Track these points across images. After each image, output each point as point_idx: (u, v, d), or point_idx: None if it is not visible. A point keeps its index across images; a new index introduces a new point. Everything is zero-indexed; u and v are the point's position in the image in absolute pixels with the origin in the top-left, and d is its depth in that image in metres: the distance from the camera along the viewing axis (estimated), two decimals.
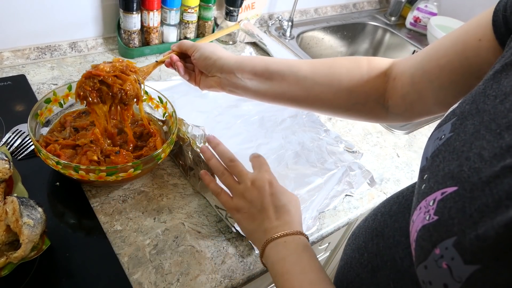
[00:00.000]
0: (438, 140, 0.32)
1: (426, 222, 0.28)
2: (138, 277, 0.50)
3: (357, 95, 0.51)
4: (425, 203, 0.29)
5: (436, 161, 0.30)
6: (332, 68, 0.52)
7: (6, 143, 0.61)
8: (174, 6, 0.85)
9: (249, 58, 0.54)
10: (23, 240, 0.44)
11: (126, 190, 0.60)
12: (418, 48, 1.27)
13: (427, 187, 0.30)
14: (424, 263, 0.27)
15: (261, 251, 0.46)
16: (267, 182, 0.49)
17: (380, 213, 0.43)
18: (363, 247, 0.41)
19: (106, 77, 0.51)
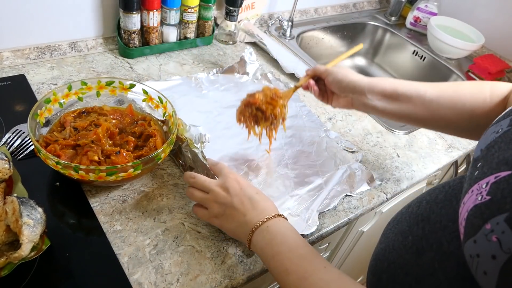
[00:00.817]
0: (495, 134, 0.36)
1: (478, 202, 0.31)
2: (138, 277, 0.50)
3: (479, 118, 0.55)
4: (477, 186, 0.32)
5: (491, 151, 0.34)
6: (457, 92, 0.57)
7: (6, 143, 0.61)
8: (174, 6, 0.84)
9: (378, 80, 0.60)
10: (23, 240, 0.44)
11: (126, 190, 0.60)
12: (418, 48, 1.27)
13: (480, 173, 0.33)
14: (473, 238, 0.30)
15: (248, 241, 0.50)
16: (234, 180, 0.53)
17: (426, 200, 0.45)
18: (407, 231, 0.43)
19: (260, 104, 0.63)
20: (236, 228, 0.51)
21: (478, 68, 1.16)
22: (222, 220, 0.52)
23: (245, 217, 0.50)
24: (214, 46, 0.99)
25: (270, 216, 0.50)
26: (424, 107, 0.58)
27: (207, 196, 0.53)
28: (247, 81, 0.88)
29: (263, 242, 0.48)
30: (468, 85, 0.58)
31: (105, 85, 0.66)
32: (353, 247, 0.99)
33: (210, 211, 0.53)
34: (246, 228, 0.50)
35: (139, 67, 0.85)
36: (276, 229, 0.49)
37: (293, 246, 0.47)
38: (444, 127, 0.60)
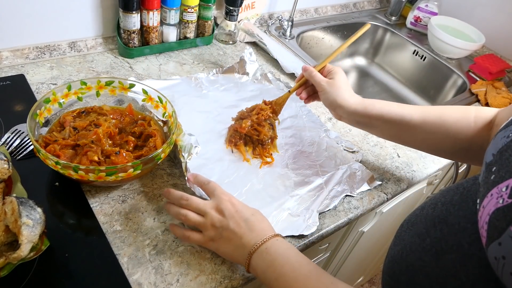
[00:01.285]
0: (506, 138, 0.37)
1: (499, 205, 0.31)
2: (138, 278, 0.50)
3: (463, 142, 0.57)
4: (497, 190, 0.33)
5: (505, 155, 0.35)
6: (441, 118, 0.59)
7: (5, 143, 0.61)
8: (174, 6, 0.84)
9: (367, 105, 0.63)
10: (22, 241, 0.43)
11: (125, 190, 0.60)
12: (418, 48, 1.26)
13: (497, 177, 0.34)
14: (498, 240, 0.31)
15: (247, 264, 0.49)
16: (228, 202, 0.52)
17: (441, 202, 0.45)
18: (424, 233, 0.43)
19: (248, 132, 0.70)
20: (233, 251, 0.50)
21: (478, 68, 1.16)
22: (219, 243, 0.51)
23: (242, 240, 0.49)
24: (214, 46, 0.99)
25: (267, 237, 0.49)
26: (409, 132, 0.62)
27: (203, 220, 0.51)
28: (247, 81, 0.88)
29: (263, 264, 0.47)
30: (453, 110, 0.60)
31: (104, 85, 0.66)
32: (353, 247, 0.98)
33: (205, 234, 0.51)
34: (244, 251, 0.49)
35: (139, 67, 0.85)
36: (275, 250, 0.48)
37: (296, 265, 0.46)
38: (427, 149, 0.65)
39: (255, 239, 0.49)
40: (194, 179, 0.56)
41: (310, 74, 0.67)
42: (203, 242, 0.52)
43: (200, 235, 0.52)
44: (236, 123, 0.72)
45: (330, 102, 0.65)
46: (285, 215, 0.61)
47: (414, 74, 1.30)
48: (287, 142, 0.74)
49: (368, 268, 1.37)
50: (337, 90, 0.64)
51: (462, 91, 1.13)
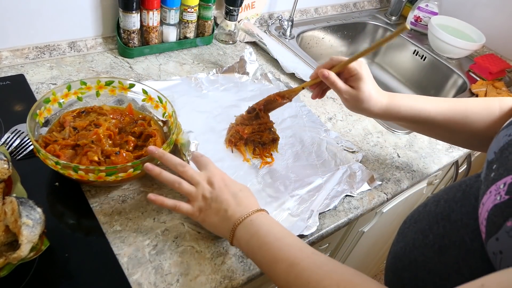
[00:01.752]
0: (507, 137, 0.37)
1: (497, 202, 0.32)
2: (138, 278, 0.50)
3: (488, 137, 0.55)
4: (495, 187, 0.34)
5: (505, 153, 0.35)
6: (467, 116, 0.59)
7: (5, 143, 0.61)
8: (173, 6, 0.84)
9: (390, 112, 0.61)
10: (22, 241, 0.43)
11: (125, 190, 0.60)
12: (419, 48, 1.26)
13: (496, 174, 0.35)
14: (495, 235, 0.32)
15: (231, 235, 0.50)
16: (219, 176, 0.53)
17: (443, 199, 0.45)
18: (427, 230, 0.44)
19: (249, 137, 0.70)
20: (219, 223, 0.51)
21: (479, 68, 1.16)
22: (206, 214, 0.51)
23: (228, 213, 0.50)
24: (214, 45, 0.98)
25: (253, 210, 0.50)
26: (435, 131, 0.64)
27: (195, 190, 0.52)
28: (247, 81, 0.88)
29: (247, 235, 0.48)
30: (477, 106, 0.59)
31: (104, 85, 0.66)
32: (354, 247, 0.98)
33: (195, 205, 0.51)
34: (229, 222, 0.50)
35: (139, 66, 0.85)
36: (260, 222, 0.49)
37: (279, 235, 0.47)
38: (457, 143, 0.67)
39: (240, 212, 0.50)
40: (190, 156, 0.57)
41: (332, 84, 0.61)
42: (191, 212, 0.52)
43: (189, 205, 0.52)
44: (238, 125, 0.72)
45: (352, 110, 0.63)
46: (285, 215, 0.61)
47: (414, 74, 1.30)
48: (287, 142, 0.74)
49: (369, 268, 1.37)
50: (360, 103, 0.60)
51: (463, 91, 1.13)
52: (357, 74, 0.59)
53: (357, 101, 0.60)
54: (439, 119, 0.60)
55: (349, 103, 0.61)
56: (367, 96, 0.59)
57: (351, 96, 0.60)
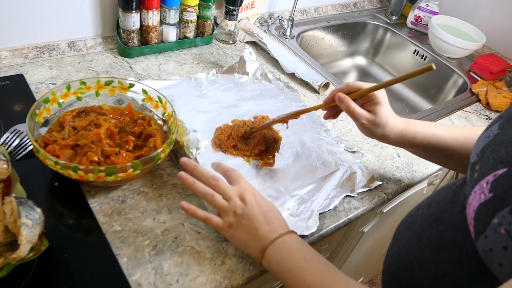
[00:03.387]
0: (487, 138, 0.38)
1: (482, 200, 0.33)
2: (138, 278, 0.50)
3: None
4: (479, 187, 0.34)
5: (486, 153, 0.36)
6: None
7: (4, 143, 0.61)
8: (173, 5, 0.84)
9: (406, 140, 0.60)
10: (21, 241, 0.43)
11: (125, 190, 0.60)
12: (419, 48, 1.26)
13: (479, 174, 0.35)
14: (484, 234, 0.32)
15: (260, 255, 0.49)
16: (251, 193, 0.52)
17: (435, 201, 0.45)
18: (420, 233, 0.44)
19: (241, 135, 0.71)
20: (247, 241, 0.50)
21: (479, 68, 1.16)
22: (236, 230, 0.51)
23: (258, 232, 0.49)
24: (213, 45, 0.98)
25: (284, 231, 0.50)
26: (449, 159, 0.62)
27: (227, 205, 0.51)
28: (247, 81, 0.88)
29: (278, 256, 0.48)
30: None
31: (104, 85, 0.65)
32: (354, 247, 0.98)
33: (225, 219, 0.51)
34: (259, 242, 0.49)
35: (139, 66, 0.85)
36: (292, 244, 0.49)
37: (313, 261, 0.47)
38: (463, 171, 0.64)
39: (271, 233, 0.49)
40: (217, 167, 0.56)
41: (348, 109, 0.58)
42: (221, 227, 0.52)
43: (220, 219, 0.52)
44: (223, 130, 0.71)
45: (368, 135, 0.61)
46: (285, 215, 0.61)
47: None
48: (287, 142, 0.74)
49: (369, 268, 1.36)
50: (377, 128, 0.58)
51: (463, 91, 1.13)
52: (375, 99, 0.57)
53: (374, 125, 0.57)
54: (455, 146, 0.59)
55: (366, 128, 0.58)
56: (384, 121, 0.57)
57: (369, 120, 0.57)
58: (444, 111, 0.99)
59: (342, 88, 0.58)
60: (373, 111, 0.57)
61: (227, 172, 0.55)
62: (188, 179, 0.52)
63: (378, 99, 0.57)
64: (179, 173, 0.52)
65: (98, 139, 0.58)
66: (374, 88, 0.55)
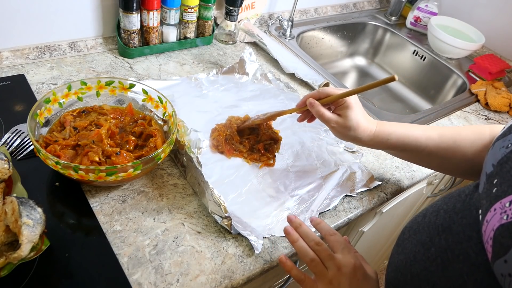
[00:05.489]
0: (504, 149, 0.35)
1: (504, 222, 0.30)
2: (138, 278, 0.50)
3: (477, 164, 0.54)
4: (500, 205, 0.32)
5: (506, 167, 0.34)
6: (457, 142, 0.58)
7: (5, 143, 0.61)
8: (174, 6, 0.84)
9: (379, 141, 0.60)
10: (23, 241, 0.43)
11: (125, 190, 0.60)
12: (418, 48, 1.26)
13: (499, 191, 0.33)
14: (503, 257, 0.30)
15: None
16: (353, 267, 0.49)
17: (443, 210, 0.44)
18: (428, 242, 0.42)
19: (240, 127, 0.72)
20: None
21: (478, 68, 1.16)
22: None
23: None
24: (214, 46, 0.99)
25: None
26: (425, 159, 0.62)
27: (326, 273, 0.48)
28: (247, 81, 0.88)
29: None
30: (468, 132, 0.58)
31: (105, 85, 0.66)
32: (354, 247, 0.98)
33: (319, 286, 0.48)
34: None
35: (139, 67, 0.85)
36: None
37: None
38: (446, 171, 0.65)
39: None
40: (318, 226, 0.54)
41: (318, 114, 0.60)
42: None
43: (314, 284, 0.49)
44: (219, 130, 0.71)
45: (340, 138, 0.62)
46: (285, 215, 0.61)
47: (414, 74, 1.30)
48: (287, 142, 0.74)
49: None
50: (348, 130, 0.59)
51: (462, 91, 1.13)
52: (344, 104, 0.59)
53: (345, 128, 0.59)
54: (430, 146, 0.59)
55: (337, 131, 0.60)
56: (355, 124, 0.58)
57: (338, 124, 0.59)
58: (443, 111, 0.99)
59: (313, 94, 0.61)
60: (343, 114, 0.59)
61: (330, 238, 0.52)
62: (293, 235, 0.51)
63: (347, 103, 0.58)
64: (285, 227, 0.52)
65: (99, 139, 0.58)
66: (343, 95, 0.58)
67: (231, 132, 0.71)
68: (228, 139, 0.70)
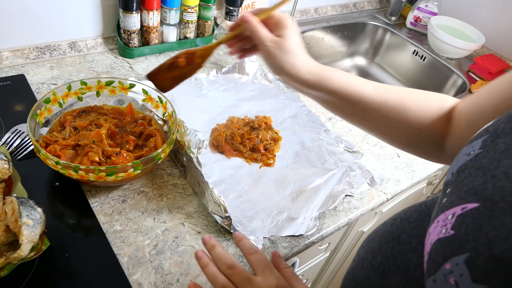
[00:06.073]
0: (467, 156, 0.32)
1: (441, 236, 0.28)
2: (138, 278, 0.50)
3: (419, 132, 0.50)
4: (443, 217, 0.29)
5: (461, 176, 0.30)
6: (403, 103, 0.51)
7: (5, 143, 0.61)
8: (174, 6, 0.84)
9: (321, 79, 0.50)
10: (23, 241, 0.43)
11: (125, 190, 0.60)
12: (418, 48, 1.26)
13: (448, 201, 0.30)
14: (433, 276, 0.27)
15: None
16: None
17: (400, 218, 0.42)
18: (377, 250, 0.41)
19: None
20: None
21: (478, 68, 1.16)
22: None
23: None
24: None
25: None
26: (365, 114, 0.53)
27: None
28: (247, 81, 0.88)
29: None
30: (417, 95, 0.52)
31: (105, 85, 0.66)
32: (353, 247, 0.98)
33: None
34: None
35: (139, 67, 0.85)
36: None
37: None
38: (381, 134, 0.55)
39: None
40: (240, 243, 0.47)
41: (252, 29, 0.50)
42: None
43: None
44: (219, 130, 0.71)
45: (276, 68, 0.51)
46: (285, 215, 0.61)
47: (414, 74, 1.30)
48: (287, 142, 0.74)
49: None
50: (285, 54, 0.49)
51: (462, 91, 1.13)
52: (282, 23, 0.51)
53: (281, 50, 0.49)
54: (376, 100, 0.51)
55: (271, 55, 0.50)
56: (294, 46, 0.50)
57: (275, 43, 0.50)
58: None
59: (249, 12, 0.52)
60: (281, 34, 0.50)
61: (251, 257, 0.44)
62: (203, 260, 0.44)
63: (286, 23, 0.51)
64: (196, 251, 0.45)
65: (99, 139, 0.58)
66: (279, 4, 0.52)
67: (231, 132, 0.71)
68: (228, 139, 0.70)
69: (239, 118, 0.74)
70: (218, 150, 0.69)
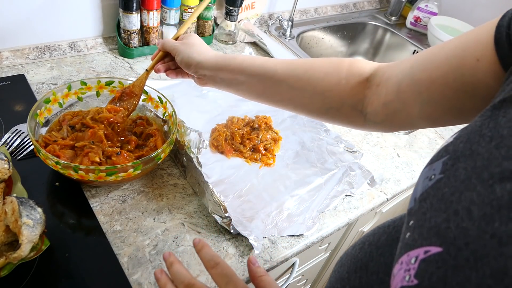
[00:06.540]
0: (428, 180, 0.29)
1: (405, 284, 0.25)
2: (138, 278, 0.50)
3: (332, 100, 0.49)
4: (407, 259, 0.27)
5: (424, 207, 0.28)
6: (309, 72, 0.50)
7: (5, 143, 0.61)
8: (174, 6, 0.84)
9: (226, 60, 0.55)
10: (23, 241, 0.43)
11: (125, 190, 0.60)
12: (418, 48, 1.27)
13: (411, 238, 0.27)
14: None
15: None
16: None
17: (368, 242, 0.41)
18: (345, 279, 0.39)
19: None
20: None
21: None
22: None
23: None
24: (214, 46, 0.99)
25: None
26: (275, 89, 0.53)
27: None
28: None
29: None
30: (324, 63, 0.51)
31: (105, 85, 0.66)
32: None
33: None
34: None
35: (139, 67, 0.85)
36: None
37: None
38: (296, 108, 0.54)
39: None
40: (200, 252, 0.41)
41: (163, 45, 0.60)
42: None
43: None
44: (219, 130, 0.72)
45: (187, 61, 0.56)
46: (285, 215, 0.61)
47: None
48: (287, 142, 0.74)
49: None
50: (191, 47, 0.57)
51: None
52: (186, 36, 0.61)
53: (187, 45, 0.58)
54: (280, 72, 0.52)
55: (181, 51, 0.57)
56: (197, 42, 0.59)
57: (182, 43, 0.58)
58: None
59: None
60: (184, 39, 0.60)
61: (212, 271, 0.39)
62: (161, 280, 0.40)
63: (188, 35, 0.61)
64: (155, 271, 0.41)
65: (99, 139, 0.58)
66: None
67: (231, 132, 0.71)
68: (228, 139, 0.70)
69: (239, 118, 0.74)
70: (218, 150, 0.69)
